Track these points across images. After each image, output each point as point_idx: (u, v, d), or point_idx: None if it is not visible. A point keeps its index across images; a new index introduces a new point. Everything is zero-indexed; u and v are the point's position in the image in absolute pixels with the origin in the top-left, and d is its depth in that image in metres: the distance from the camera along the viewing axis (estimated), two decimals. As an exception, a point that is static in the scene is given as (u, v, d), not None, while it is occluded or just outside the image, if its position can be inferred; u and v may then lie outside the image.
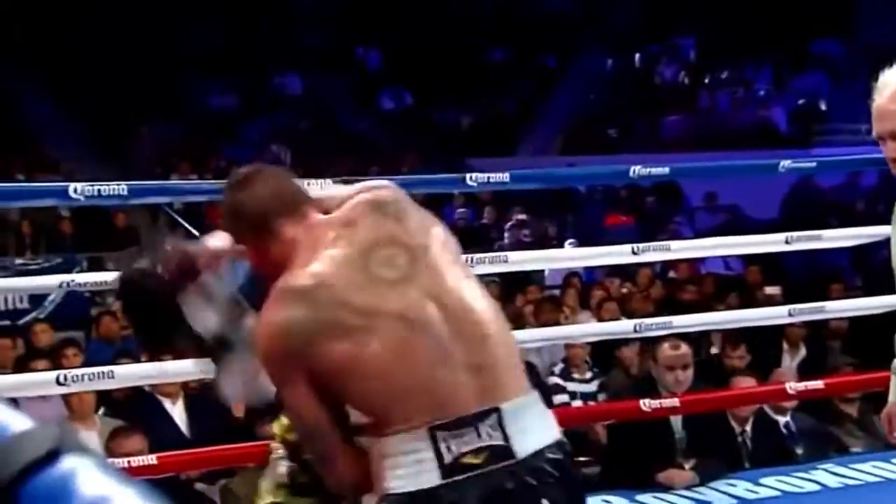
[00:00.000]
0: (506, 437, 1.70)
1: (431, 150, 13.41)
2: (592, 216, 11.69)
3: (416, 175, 6.25)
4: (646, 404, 3.68)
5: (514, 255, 3.98)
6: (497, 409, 1.71)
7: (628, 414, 3.81)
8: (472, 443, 1.69)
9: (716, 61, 15.57)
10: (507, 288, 6.84)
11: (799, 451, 4.27)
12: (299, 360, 1.69)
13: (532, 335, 4.01)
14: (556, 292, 7.28)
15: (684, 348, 4.06)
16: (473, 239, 8.87)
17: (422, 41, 15.37)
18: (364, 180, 2.10)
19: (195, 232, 11.17)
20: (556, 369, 5.40)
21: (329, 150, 13.17)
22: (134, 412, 4.59)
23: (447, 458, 1.69)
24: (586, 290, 7.44)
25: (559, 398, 5.16)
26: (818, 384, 3.97)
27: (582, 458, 4.03)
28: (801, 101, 14.43)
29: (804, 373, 4.69)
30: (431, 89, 15.12)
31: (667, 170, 3.76)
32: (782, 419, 4.32)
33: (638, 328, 3.78)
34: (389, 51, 15.87)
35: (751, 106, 14.61)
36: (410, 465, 1.70)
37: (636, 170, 3.58)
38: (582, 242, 8.11)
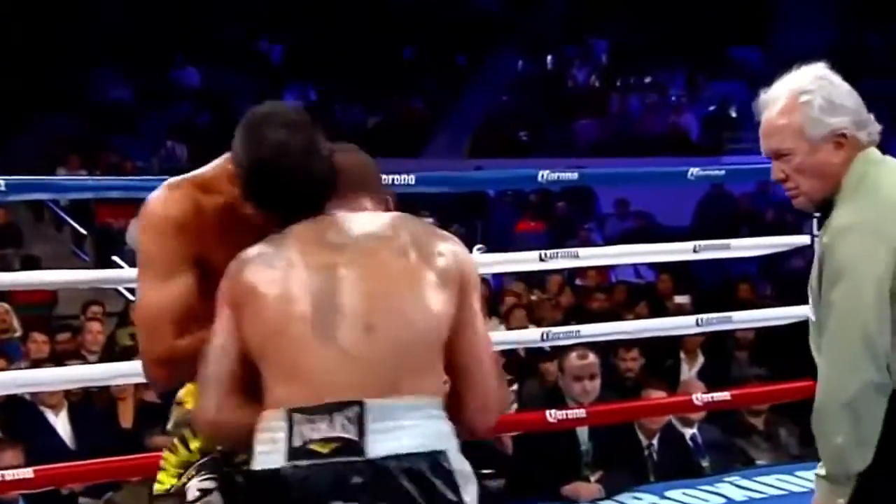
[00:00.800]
0: (361, 433, 1.72)
1: (336, 150, 13.31)
2: (502, 222, 11.75)
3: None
4: (552, 415, 3.70)
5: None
6: (360, 403, 1.72)
7: (534, 425, 3.83)
8: (322, 431, 1.72)
9: (629, 65, 15.81)
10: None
11: (705, 463, 4.35)
12: (232, 295, 1.81)
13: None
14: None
15: (591, 358, 4.10)
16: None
17: (328, 36, 15.29)
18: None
19: (82, 230, 10.94)
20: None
21: (229, 147, 12.99)
22: (12, 424, 4.46)
23: (296, 442, 1.72)
24: (495, 297, 7.47)
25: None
26: (725, 395, 4.05)
27: (486, 471, 4.04)
28: (712, 108, 14.74)
29: (705, 382, 4.78)
30: (337, 86, 15.05)
31: (576, 175, 3.79)
32: (689, 431, 4.39)
33: (545, 336, 3.80)
34: (294, 45, 15.75)
35: (663, 112, 14.87)
36: (267, 442, 1.75)
37: (545, 174, 3.61)
38: (491, 248, 8.15)
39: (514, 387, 5.27)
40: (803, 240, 4.09)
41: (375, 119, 15.01)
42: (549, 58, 16.33)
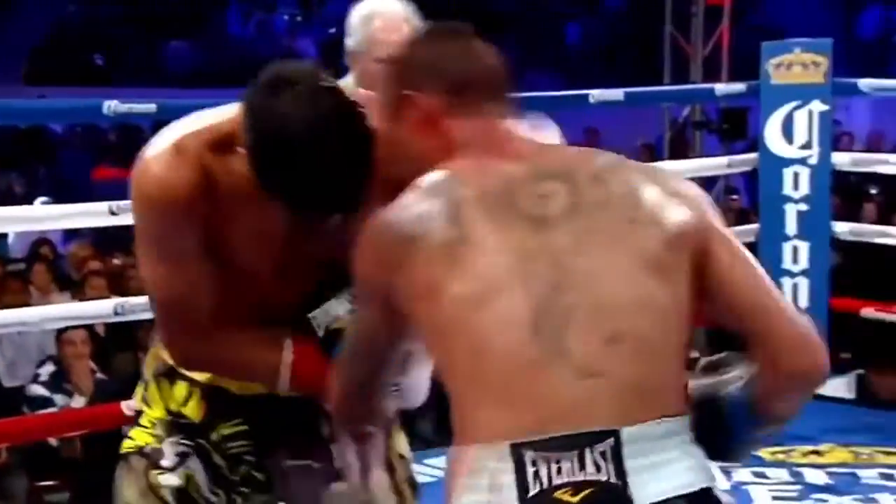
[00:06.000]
0: (621, 474, 1.56)
1: None
2: (73, 168, 11.47)
3: None
4: (130, 407, 3.63)
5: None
6: (615, 433, 1.57)
7: (108, 421, 3.76)
8: (570, 473, 1.55)
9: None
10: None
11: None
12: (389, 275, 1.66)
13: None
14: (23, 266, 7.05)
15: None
16: None
17: None
18: None
19: None
20: (44, 375, 5.11)
21: None
22: None
23: (532, 489, 1.55)
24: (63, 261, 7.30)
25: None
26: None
27: (47, 483, 3.95)
28: (332, 31, 15.01)
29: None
30: None
31: (153, 106, 3.70)
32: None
33: (119, 310, 3.72)
34: None
35: (273, 33, 15.00)
36: (481, 490, 1.57)
37: (111, 105, 3.50)
38: (60, 201, 7.90)
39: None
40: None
41: None
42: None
